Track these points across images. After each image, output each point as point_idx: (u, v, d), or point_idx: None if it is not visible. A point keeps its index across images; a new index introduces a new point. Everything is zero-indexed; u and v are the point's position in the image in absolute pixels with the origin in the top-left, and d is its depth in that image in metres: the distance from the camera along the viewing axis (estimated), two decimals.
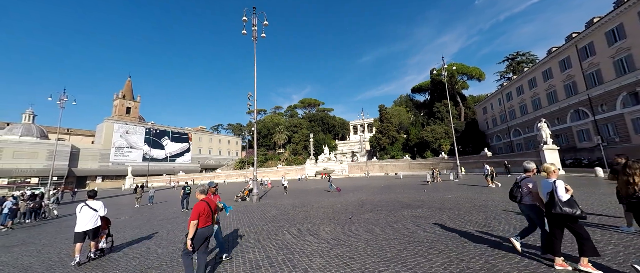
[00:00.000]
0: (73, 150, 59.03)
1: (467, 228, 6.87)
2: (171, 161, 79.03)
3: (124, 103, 78.26)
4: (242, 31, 17.88)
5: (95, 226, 6.16)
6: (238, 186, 38.45)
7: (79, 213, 6.10)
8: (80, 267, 5.67)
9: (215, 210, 4.84)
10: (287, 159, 73.58)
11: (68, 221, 13.55)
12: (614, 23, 28.67)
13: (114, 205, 20.61)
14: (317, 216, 10.09)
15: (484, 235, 6.09)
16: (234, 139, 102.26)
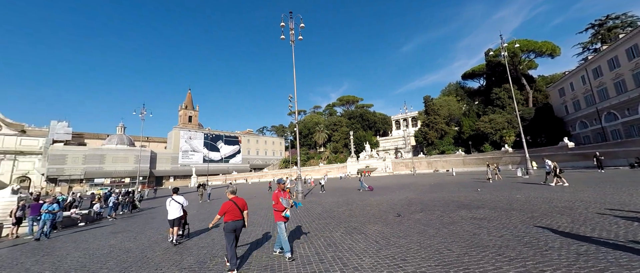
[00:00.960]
0: (152, 155, 70.59)
1: (546, 234, 5.79)
2: (225, 162, 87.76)
3: (186, 113, 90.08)
4: (281, 36, 18.66)
5: (180, 215, 7.74)
6: None
7: (169, 206, 7.77)
8: (172, 245, 7.35)
9: (244, 207, 5.40)
10: (328, 157, 74.39)
11: (152, 214, 16.22)
12: None
13: None
14: (362, 215, 9.87)
15: (572, 243, 5.04)
16: (278, 140, 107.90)
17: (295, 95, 19.56)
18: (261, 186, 43.30)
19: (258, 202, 17.54)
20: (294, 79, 19.09)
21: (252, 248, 6.51)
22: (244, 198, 5.78)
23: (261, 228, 8.95)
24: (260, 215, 11.86)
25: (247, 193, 28.38)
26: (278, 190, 5.91)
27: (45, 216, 10.03)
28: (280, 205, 5.68)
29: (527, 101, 53.87)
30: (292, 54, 18.91)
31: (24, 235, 10.95)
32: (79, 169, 58.25)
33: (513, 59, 50.78)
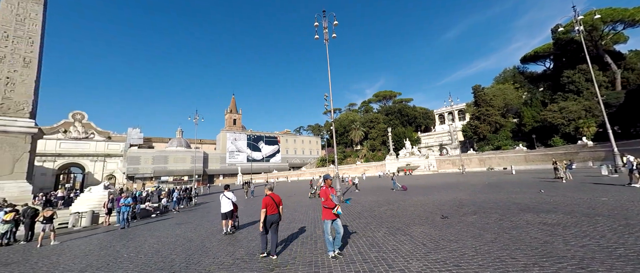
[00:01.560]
0: (204, 155, 78.89)
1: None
2: (266, 161, 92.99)
3: (231, 116, 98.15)
4: (315, 36, 18.88)
5: (231, 209, 8.61)
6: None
7: (222, 201, 8.72)
8: (225, 236, 8.26)
9: (280, 203, 6.13)
10: (365, 155, 72.87)
11: (207, 208, 18.11)
12: None
13: None
14: (406, 216, 9.38)
15: None
16: (314, 139, 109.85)
17: (330, 94, 19.60)
18: (300, 184, 44.69)
19: (298, 200, 18.11)
20: (329, 78, 19.15)
21: (295, 244, 6.74)
22: (287, 195, 6.00)
23: (302, 224, 9.21)
24: (301, 212, 12.22)
25: (287, 190, 29.62)
26: (325, 187, 5.65)
27: (122, 208, 11.98)
28: (331, 202, 5.43)
29: (614, 83, 44.13)
30: (327, 53, 18.97)
31: (114, 223, 13.32)
32: (149, 168, 68.40)
33: (591, 33, 42.24)
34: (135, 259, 6.49)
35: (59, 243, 9.34)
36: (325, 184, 5.73)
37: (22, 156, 16.58)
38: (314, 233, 7.73)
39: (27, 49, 17.20)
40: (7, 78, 16.42)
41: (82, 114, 62.70)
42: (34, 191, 18.16)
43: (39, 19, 17.91)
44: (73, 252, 8.01)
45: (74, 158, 59.44)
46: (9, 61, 16.57)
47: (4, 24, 16.66)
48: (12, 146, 16.18)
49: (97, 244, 8.83)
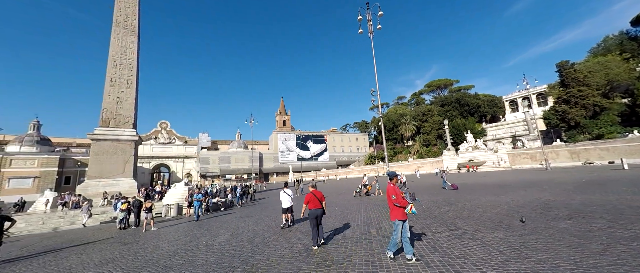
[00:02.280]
0: (259, 155, 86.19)
1: None
2: (315, 160, 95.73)
3: (281, 118, 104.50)
4: (359, 31, 18.40)
5: (291, 204, 9.47)
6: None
7: (282, 197, 9.53)
8: (283, 230, 8.88)
9: (322, 198, 6.72)
10: (418, 151, 67.74)
11: (265, 204, 19.70)
12: None
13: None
14: (472, 218, 8.31)
15: None
16: (361, 136, 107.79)
17: (377, 88, 18.86)
18: (349, 182, 44.48)
19: (348, 198, 18.02)
20: (375, 72, 18.46)
21: (350, 242, 6.69)
22: (337, 192, 5.99)
23: (355, 222, 9.12)
24: (353, 211, 12.11)
25: (337, 188, 29.84)
26: (391, 184, 5.25)
27: (195, 203, 13.89)
28: (404, 200, 4.97)
29: None
30: (371, 47, 18.31)
31: (193, 215, 15.72)
32: (216, 167, 78.52)
33: None
34: (212, 246, 7.50)
35: (156, 229, 11.53)
36: (392, 181, 5.31)
37: (129, 159, 21.10)
38: (367, 232, 7.55)
39: (129, 73, 21.74)
40: (117, 98, 21.09)
41: (166, 123, 76.09)
42: (137, 187, 22.92)
43: (135, 49, 22.41)
44: (166, 236, 9.77)
45: (162, 159, 72.66)
46: (118, 84, 21.24)
47: (113, 55, 21.43)
48: (122, 151, 20.74)
49: (182, 232, 10.55)
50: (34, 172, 50.81)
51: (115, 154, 20.40)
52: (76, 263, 6.79)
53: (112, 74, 21.12)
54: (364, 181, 19.73)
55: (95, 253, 7.92)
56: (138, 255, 7.14)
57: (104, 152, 20.15)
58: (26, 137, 54.49)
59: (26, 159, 50.83)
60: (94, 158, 20.21)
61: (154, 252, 7.36)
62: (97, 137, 20.18)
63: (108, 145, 20.31)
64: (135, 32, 22.64)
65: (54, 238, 11.52)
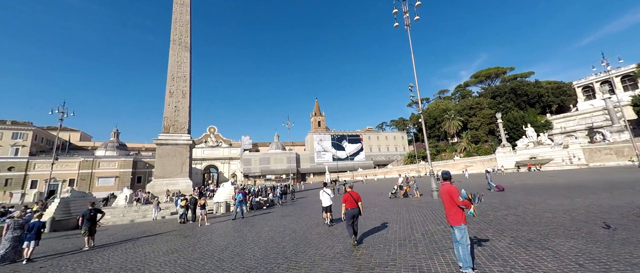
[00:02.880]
0: (296, 156, 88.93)
1: None
2: (351, 160, 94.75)
3: (316, 119, 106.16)
4: (394, 24, 17.60)
5: (331, 203, 9.74)
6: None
7: (322, 196, 9.80)
8: (323, 230, 8.97)
9: (358, 199, 6.99)
10: (465, 149, 61.73)
11: (304, 203, 20.23)
12: None
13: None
14: (539, 224, 7.20)
15: None
16: (399, 135, 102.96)
17: (415, 83, 17.74)
18: (388, 182, 42.85)
19: (385, 200, 17.34)
20: (413, 66, 17.42)
21: (393, 245, 6.42)
22: (376, 193, 5.77)
23: (397, 225, 8.71)
24: (393, 212, 11.61)
25: (375, 188, 29.03)
26: (448, 184, 4.69)
27: (236, 203, 14.59)
28: (465, 201, 4.30)
29: None
30: (409, 40, 17.32)
31: (239, 212, 16.96)
32: (257, 168, 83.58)
33: None
34: (258, 242, 7.98)
35: (209, 224, 12.76)
36: (444, 183, 4.77)
37: (185, 161, 23.81)
38: (411, 236, 7.15)
39: (183, 84, 24.58)
40: (175, 107, 24.01)
41: (213, 127, 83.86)
42: (193, 186, 25.71)
43: (188, 62, 25.24)
44: (218, 231, 10.73)
45: (211, 161, 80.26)
46: (176, 95, 24.17)
47: (172, 69, 24.48)
48: (180, 154, 23.51)
49: (231, 228, 11.46)
50: (115, 172, 61.08)
51: (174, 156, 23.29)
52: (149, 252, 7.91)
53: (171, 86, 24.17)
54: (399, 182, 18.76)
55: (162, 243, 9.12)
56: (196, 247, 7.99)
57: (165, 155, 23.18)
58: (109, 143, 65.91)
59: (109, 162, 61.36)
60: (158, 160, 23.39)
61: (209, 245, 8.14)
62: (160, 142, 23.31)
63: (169, 149, 23.30)
64: (188, 47, 25.54)
65: (131, 229, 13.65)
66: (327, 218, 9.72)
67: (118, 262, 6.94)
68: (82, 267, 6.66)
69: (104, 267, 6.51)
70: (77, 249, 8.99)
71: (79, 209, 15.56)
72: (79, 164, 58.09)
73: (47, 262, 7.44)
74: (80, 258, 7.71)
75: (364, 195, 22.43)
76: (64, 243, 10.70)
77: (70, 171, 57.21)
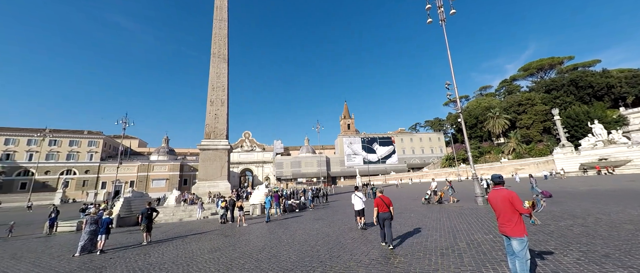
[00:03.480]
0: (326, 159, 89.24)
1: None
2: (382, 163, 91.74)
3: (345, 122, 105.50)
4: (428, 20, 16.73)
5: (363, 207, 9.61)
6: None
7: (354, 200, 9.74)
8: (357, 235, 8.80)
9: (390, 203, 7.11)
10: (514, 150, 55.31)
11: (335, 207, 20.13)
12: None
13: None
14: (617, 237, 6.06)
15: None
16: (435, 136, 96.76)
17: (453, 80, 16.53)
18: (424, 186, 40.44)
19: (421, 205, 16.31)
20: (449, 63, 16.29)
21: (434, 255, 5.99)
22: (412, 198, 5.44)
23: (436, 232, 8.12)
24: (431, 219, 10.87)
25: (409, 193, 27.58)
26: (500, 189, 4.14)
27: (266, 205, 14.96)
28: (528, 209, 3.81)
29: None
30: (444, 35, 16.28)
31: (273, 214, 17.57)
32: (289, 171, 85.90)
33: None
34: (292, 244, 8.14)
35: (247, 225, 13.44)
36: (496, 188, 4.21)
37: (224, 165, 25.54)
38: (454, 245, 6.60)
39: (222, 94, 26.57)
40: (215, 115, 26.02)
41: (248, 133, 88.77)
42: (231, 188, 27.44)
43: (226, 73, 27.26)
44: (255, 232, 11.23)
45: (247, 164, 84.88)
46: (215, 103, 26.22)
47: (212, 79, 26.67)
48: (219, 158, 25.31)
49: (266, 229, 11.91)
50: (165, 175, 68.21)
51: (215, 161, 25.20)
52: (196, 249, 8.62)
53: (211, 96, 26.35)
54: (432, 186, 17.47)
55: (207, 241, 9.86)
56: (236, 247, 8.46)
57: (207, 159, 25.21)
58: (161, 149, 74.07)
59: (161, 166, 68.80)
60: (201, 164, 25.53)
61: (247, 246, 8.56)
62: (202, 147, 25.45)
63: (210, 154, 25.30)
64: (226, 59, 27.65)
65: (180, 227, 15.05)
66: (361, 222, 9.68)
67: (171, 257, 7.69)
68: (142, 260, 7.53)
69: (159, 261, 7.26)
70: (137, 243, 10.21)
71: (138, 207, 17.70)
72: (137, 168, 66.35)
73: (116, 254, 8.58)
74: (140, 251, 8.74)
75: (398, 199, 21.47)
76: (127, 237, 12.25)
77: (131, 173, 65.60)
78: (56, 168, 61.65)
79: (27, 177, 58.97)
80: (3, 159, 58.51)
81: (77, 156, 64.00)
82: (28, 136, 60.60)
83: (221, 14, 28.65)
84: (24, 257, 9.03)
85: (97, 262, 7.68)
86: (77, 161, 63.64)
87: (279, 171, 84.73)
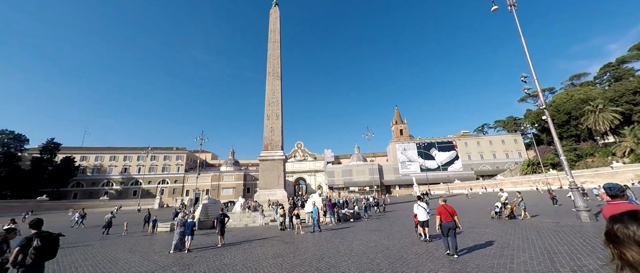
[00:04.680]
0: (379, 167, 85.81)
1: None
2: (444, 170, 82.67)
3: (397, 127, 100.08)
4: (492, 8, 14.78)
5: (428, 218, 9.18)
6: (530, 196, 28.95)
7: (417, 210, 9.30)
8: (420, 249, 8.29)
9: (453, 213, 6.97)
10: (632, 151, 42.22)
11: (392, 218, 19.01)
12: None
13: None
14: None
15: None
16: (510, 138, 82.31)
17: (531, 71, 13.90)
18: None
19: (496, 222, 13.81)
20: (524, 51, 13.85)
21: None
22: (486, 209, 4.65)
23: (528, 255, 6.72)
24: (517, 237, 9.09)
25: (483, 204, 23.86)
26: (617, 204, 3.08)
27: (313, 215, 14.89)
28: None
29: None
30: (516, 21, 14.03)
31: (328, 223, 17.68)
32: (340, 180, 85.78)
33: None
34: (350, 255, 7.99)
35: (304, 233, 13.88)
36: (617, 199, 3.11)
37: (281, 174, 27.29)
38: (552, 271, 5.33)
39: (276, 108, 28.85)
40: (271, 128, 28.32)
41: (300, 143, 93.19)
42: (287, 197, 29.01)
43: (280, 89, 29.62)
44: (312, 241, 11.49)
45: (300, 173, 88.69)
46: (271, 117, 28.59)
47: (268, 96, 29.32)
48: (276, 168, 27.20)
49: (323, 238, 12.04)
50: (232, 184, 76.95)
51: (272, 170, 27.23)
52: (261, 254, 9.34)
53: (267, 110, 28.93)
54: (502, 198, 14.61)
55: (270, 247, 10.58)
56: (296, 254, 8.81)
57: (266, 169, 27.45)
58: (228, 161, 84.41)
59: (229, 176, 78.08)
60: (261, 173, 27.93)
61: (306, 253, 8.80)
62: (262, 158, 27.89)
63: (268, 164, 27.50)
64: (279, 76, 30.17)
65: (245, 232, 16.61)
66: (425, 234, 9.11)
67: (240, 259, 8.52)
68: (218, 261, 8.56)
69: (231, 262, 8.13)
70: (213, 245, 11.69)
71: (213, 213, 20.38)
72: (211, 178, 77.03)
73: (199, 253, 10.02)
74: (216, 252, 9.98)
75: (467, 211, 18.82)
76: (206, 239, 14.19)
77: (206, 183, 76.49)
78: (155, 179, 77.05)
79: (136, 186, 75.50)
80: (122, 172, 76.58)
81: (168, 168, 78.81)
82: (137, 153, 77.83)
83: (274, 37, 31.59)
84: (136, 251, 11.40)
85: (186, 259, 9.10)
86: (169, 172, 78.28)
87: (330, 179, 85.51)
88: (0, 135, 60.73)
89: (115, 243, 14.01)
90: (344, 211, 20.45)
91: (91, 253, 11.12)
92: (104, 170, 76.39)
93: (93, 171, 75.92)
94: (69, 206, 53.99)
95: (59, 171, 66.10)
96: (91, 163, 76.48)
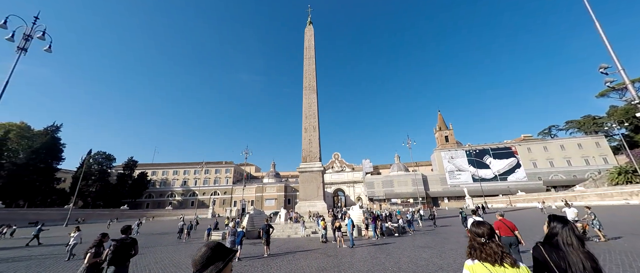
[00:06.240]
0: (423, 177, 79.79)
1: None
2: (502, 180, 72.72)
3: (441, 134, 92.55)
4: None
5: None
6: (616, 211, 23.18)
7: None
8: None
9: (513, 228, 6.55)
10: None
11: (442, 233, 17.26)
12: None
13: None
14: None
15: None
16: (589, 141, 68.63)
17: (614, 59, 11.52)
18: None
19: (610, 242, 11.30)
20: (601, 36, 11.64)
21: None
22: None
23: None
24: (608, 260, 7.33)
25: None
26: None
27: (348, 228, 14.28)
28: None
29: None
30: (586, 4, 12.04)
31: (371, 236, 16.92)
32: (381, 191, 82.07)
33: None
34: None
35: (346, 247, 13.53)
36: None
37: (319, 185, 27.46)
38: None
39: (313, 121, 29.60)
40: (309, 140, 29.03)
41: (337, 154, 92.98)
42: (327, 208, 28.87)
43: (316, 102, 30.47)
44: (356, 255, 11.11)
45: (338, 184, 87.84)
46: (309, 130, 29.38)
47: (305, 109, 30.37)
48: (315, 179, 27.50)
49: (367, 253, 11.54)
50: (274, 195, 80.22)
51: (312, 182, 27.61)
52: (305, 266, 9.39)
53: (305, 123, 29.87)
54: (569, 215, 11.79)
55: (313, 259, 10.57)
56: (340, 269, 8.61)
57: (305, 181, 27.98)
58: (270, 173, 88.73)
59: (271, 187, 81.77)
60: (301, 185, 28.56)
61: (351, 269, 8.53)
62: (301, 170, 28.60)
63: (307, 175, 28.01)
64: (315, 90, 31.16)
65: (289, 243, 16.94)
66: None
67: (286, 270, 8.69)
68: (267, 270, 8.88)
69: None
70: (260, 255, 12.20)
71: (259, 223, 21.42)
72: (255, 189, 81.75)
73: (248, 262, 10.56)
74: (263, 262, 10.38)
75: (535, 228, 15.92)
76: (253, 249, 14.91)
77: (251, 194, 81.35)
78: (208, 190, 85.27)
79: (194, 197, 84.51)
80: (182, 185, 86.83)
81: (219, 181, 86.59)
82: (194, 168, 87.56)
83: (309, 53, 33.02)
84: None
85: (237, 268, 9.66)
86: (219, 184, 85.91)
87: (370, 191, 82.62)
88: (96, 156, 75.45)
89: (177, 249, 15.69)
90: (388, 224, 19.38)
91: (160, 257, 12.66)
92: (168, 183, 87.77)
93: (160, 184, 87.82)
94: (142, 215, 63.05)
95: (136, 184, 78.80)
96: (159, 177, 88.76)
